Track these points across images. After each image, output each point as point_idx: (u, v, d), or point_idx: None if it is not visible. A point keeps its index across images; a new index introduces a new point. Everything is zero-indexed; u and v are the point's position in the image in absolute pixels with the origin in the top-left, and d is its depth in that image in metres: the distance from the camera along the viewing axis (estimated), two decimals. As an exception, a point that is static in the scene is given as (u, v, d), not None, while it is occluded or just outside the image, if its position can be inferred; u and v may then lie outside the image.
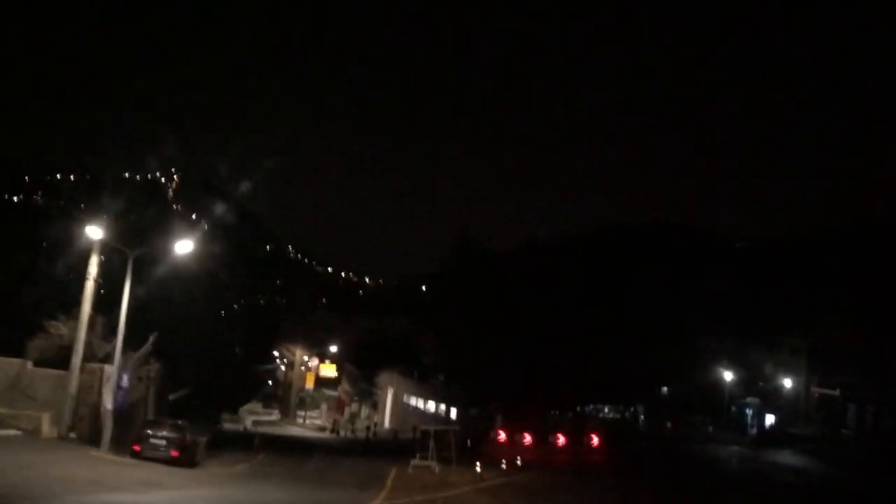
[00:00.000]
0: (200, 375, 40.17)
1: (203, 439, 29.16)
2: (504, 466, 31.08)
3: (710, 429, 52.23)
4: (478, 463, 29.61)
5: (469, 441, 41.59)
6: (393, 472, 29.96)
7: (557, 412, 52.94)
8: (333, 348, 73.38)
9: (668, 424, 53.76)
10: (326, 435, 54.22)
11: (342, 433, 53.74)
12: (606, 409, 57.94)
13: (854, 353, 54.67)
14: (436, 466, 31.11)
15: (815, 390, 56.96)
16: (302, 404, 67.49)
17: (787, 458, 44.63)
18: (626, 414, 56.59)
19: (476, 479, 28.86)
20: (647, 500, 25.66)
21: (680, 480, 32.40)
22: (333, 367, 73.26)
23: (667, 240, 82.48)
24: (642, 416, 56.28)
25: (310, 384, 66.54)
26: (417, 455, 32.21)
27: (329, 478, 27.95)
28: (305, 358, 74.66)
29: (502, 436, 43.46)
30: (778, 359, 56.57)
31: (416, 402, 64.23)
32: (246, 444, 37.63)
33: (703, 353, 61.23)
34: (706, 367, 62.92)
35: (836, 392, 54.19)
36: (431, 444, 32.00)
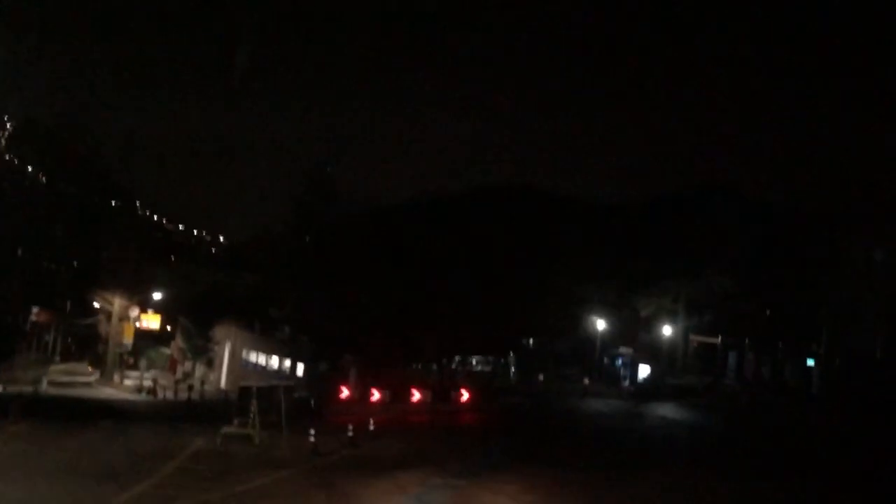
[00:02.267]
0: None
1: None
2: (351, 434, 23.65)
3: (587, 381, 47.30)
4: (312, 431, 21.99)
5: (313, 401, 33.92)
6: (194, 446, 21.77)
7: (420, 366, 46.20)
8: (157, 295, 62.81)
9: (541, 377, 48.43)
10: (142, 397, 44.63)
11: (162, 395, 44.42)
12: (475, 362, 51.95)
13: (733, 300, 51.35)
14: (257, 435, 23.16)
15: (695, 339, 53.42)
16: (120, 361, 57.11)
17: (669, 411, 40.19)
18: (497, 367, 50.84)
19: (309, 454, 21.23)
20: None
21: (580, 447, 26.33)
22: (157, 317, 62.79)
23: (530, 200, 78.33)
24: (514, 369, 50.81)
25: (129, 337, 56.10)
26: (236, 421, 24.09)
27: (91, 458, 19.32)
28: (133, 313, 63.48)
29: (345, 392, 35.91)
30: (659, 305, 52.45)
31: (259, 357, 55.55)
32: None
33: (577, 303, 56.44)
34: (581, 316, 58.38)
35: (717, 340, 50.78)
36: (254, 405, 23.90)
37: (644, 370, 54.30)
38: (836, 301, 50.27)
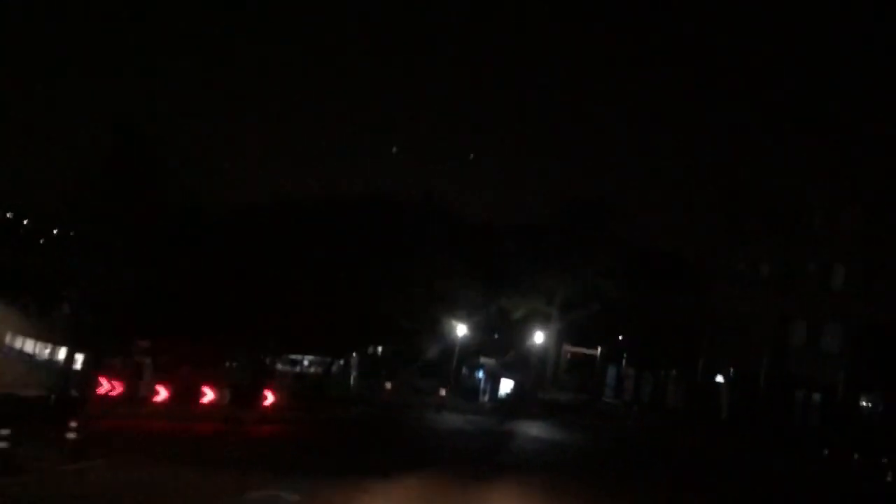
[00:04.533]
0: None
1: None
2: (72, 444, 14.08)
3: (443, 392, 39.06)
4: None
5: (53, 397, 23.50)
6: None
7: (233, 363, 36.05)
8: None
9: (388, 385, 39.58)
10: None
11: None
12: (307, 362, 42.18)
13: (614, 307, 44.89)
14: None
15: (569, 349, 46.51)
16: None
17: (542, 430, 32.63)
18: (333, 369, 41.42)
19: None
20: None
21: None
22: None
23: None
24: (355, 374, 41.72)
25: None
26: None
27: None
28: None
29: (105, 386, 25.39)
30: (531, 308, 45.09)
31: (27, 345, 43.21)
32: None
33: (437, 302, 48.20)
34: (441, 320, 50.12)
35: (596, 353, 44.05)
36: None
37: (507, 384, 46.78)
38: (720, 318, 45.17)
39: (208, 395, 26.72)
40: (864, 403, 41.53)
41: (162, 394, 26.10)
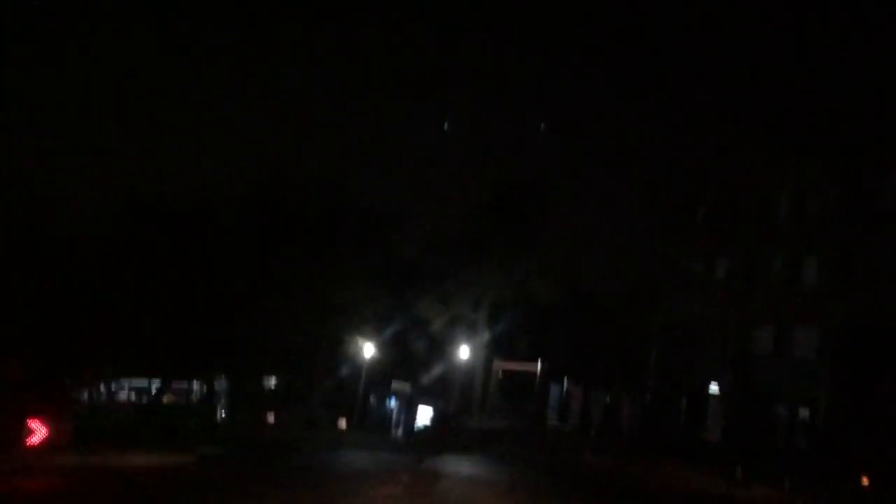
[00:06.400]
0: None
1: None
2: None
3: (343, 425, 29.97)
4: None
5: None
6: None
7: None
8: None
9: (271, 418, 29.89)
10: None
11: None
12: (155, 389, 31.84)
13: (555, 312, 36.94)
14: None
15: (501, 366, 38.12)
16: None
17: (474, 467, 24.00)
18: (193, 397, 31.33)
19: None
20: None
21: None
22: None
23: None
24: (224, 403, 31.90)
25: None
26: None
27: None
28: None
29: None
30: (453, 315, 36.57)
31: None
32: None
33: (334, 314, 39.21)
34: (342, 337, 41.29)
35: (536, 369, 35.81)
36: None
37: (426, 412, 38.02)
38: (672, 324, 37.98)
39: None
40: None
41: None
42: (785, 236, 38.74)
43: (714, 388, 32.95)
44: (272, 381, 43.85)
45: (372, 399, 40.73)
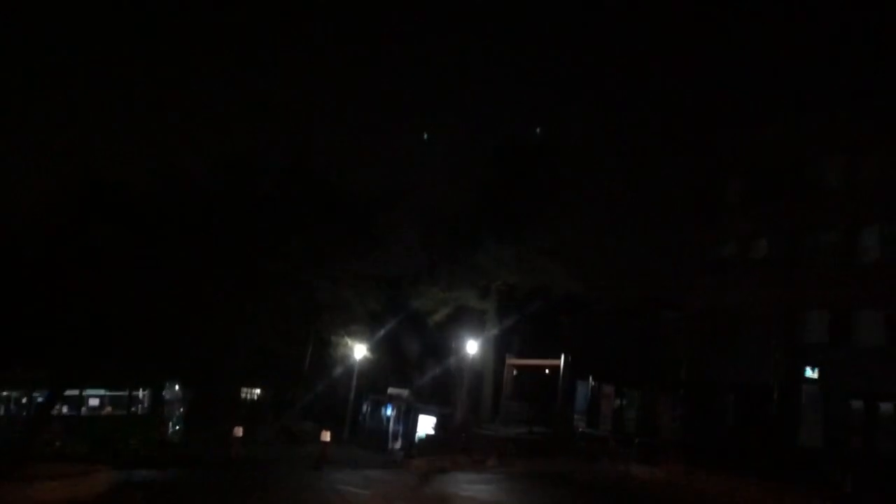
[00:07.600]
0: None
1: None
2: None
3: (327, 438, 24.41)
4: None
5: None
6: None
7: None
8: None
9: (239, 432, 24.26)
10: None
11: None
12: (100, 402, 26.28)
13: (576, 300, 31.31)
14: None
15: (515, 362, 32.54)
16: None
17: (490, 494, 18.44)
18: (138, 409, 25.34)
19: None
20: None
21: None
22: None
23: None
24: (180, 414, 26.18)
25: None
26: None
27: None
28: None
29: None
30: (457, 303, 30.97)
31: None
32: None
33: (315, 311, 33.80)
34: (327, 338, 36.06)
35: (559, 363, 30.18)
36: None
37: (427, 421, 32.43)
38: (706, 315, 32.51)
39: None
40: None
41: None
42: (837, 207, 33.30)
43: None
44: (255, 391, 38.39)
45: (365, 407, 35.20)
